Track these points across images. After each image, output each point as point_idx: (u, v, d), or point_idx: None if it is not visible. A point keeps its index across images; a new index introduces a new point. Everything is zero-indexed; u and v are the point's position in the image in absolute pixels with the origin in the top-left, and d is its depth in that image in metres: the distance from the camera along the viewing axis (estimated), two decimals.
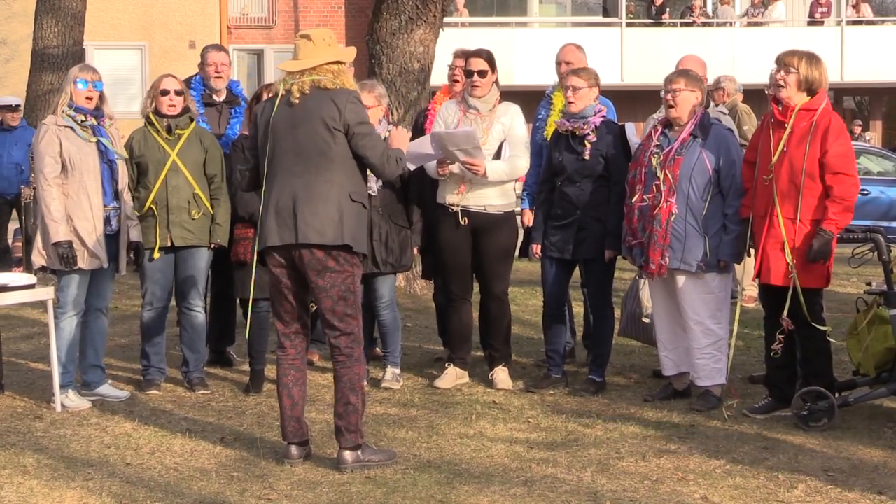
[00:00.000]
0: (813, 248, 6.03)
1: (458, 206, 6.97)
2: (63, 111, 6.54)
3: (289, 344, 5.55)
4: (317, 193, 5.36)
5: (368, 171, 5.64)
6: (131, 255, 6.83)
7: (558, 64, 7.50)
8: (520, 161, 6.99)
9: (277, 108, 5.48)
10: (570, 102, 6.91)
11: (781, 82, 6.15)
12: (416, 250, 7.26)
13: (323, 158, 5.38)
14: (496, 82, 7.08)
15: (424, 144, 6.84)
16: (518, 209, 7.44)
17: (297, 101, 5.42)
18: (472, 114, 7.01)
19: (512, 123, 7.01)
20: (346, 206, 5.39)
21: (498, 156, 6.96)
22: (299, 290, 5.51)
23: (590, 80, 6.94)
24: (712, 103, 7.36)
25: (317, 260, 5.36)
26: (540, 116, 7.60)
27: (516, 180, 7.22)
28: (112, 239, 6.68)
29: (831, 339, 6.25)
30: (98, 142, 6.58)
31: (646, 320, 7.09)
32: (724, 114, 7.70)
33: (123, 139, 6.91)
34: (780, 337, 6.15)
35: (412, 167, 6.88)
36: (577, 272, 7.24)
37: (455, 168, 6.90)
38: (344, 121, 5.38)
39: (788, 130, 6.12)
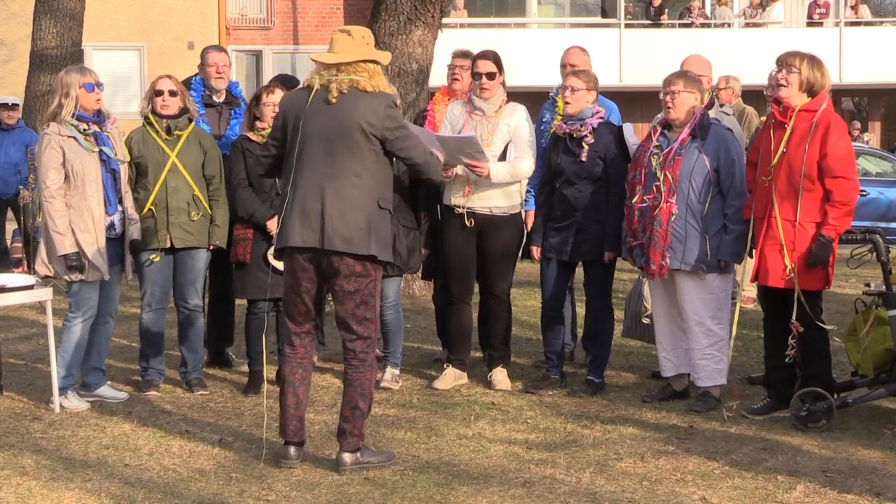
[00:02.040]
0: (812, 252, 6.02)
1: (463, 207, 6.98)
2: (66, 120, 6.48)
3: (299, 342, 5.49)
4: (346, 198, 5.26)
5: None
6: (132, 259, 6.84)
7: (563, 66, 7.49)
8: (524, 162, 6.98)
9: (311, 102, 5.35)
10: (567, 104, 6.91)
11: (783, 82, 6.13)
12: (423, 251, 7.25)
13: (355, 162, 5.29)
14: (503, 83, 7.08)
15: (428, 136, 6.86)
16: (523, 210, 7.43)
17: (334, 101, 5.29)
18: (477, 115, 7.01)
19: (517, 125, 7.00)
20: (374, 213, 5.30)
21: (503, 157, 6.95)
22: (317, 292, 5.44)
23: (588, 82, 6.94)
24: (716, 103, 7.34)
25: (346, 265, 5.28)
26: (544, 119, 7.59)
27: (522, 182, 7.21)
28: (117, 243, 6.67)
29: (836, 339, 6.24)
30: (100, 151, 6.57)
31: (645, 321, 7.09)
32: (727, 114, 7.67)
33: (124, 136, 6.91)
34: (793, 342, 6.13)
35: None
36: (579, 273, 7.24)
37: (459, 170, 6.90)
38: (382, 127, 5.29)
39: (788, 131, 6.12)
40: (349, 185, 5.28)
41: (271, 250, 5.96)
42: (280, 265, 5.65)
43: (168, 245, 6.92)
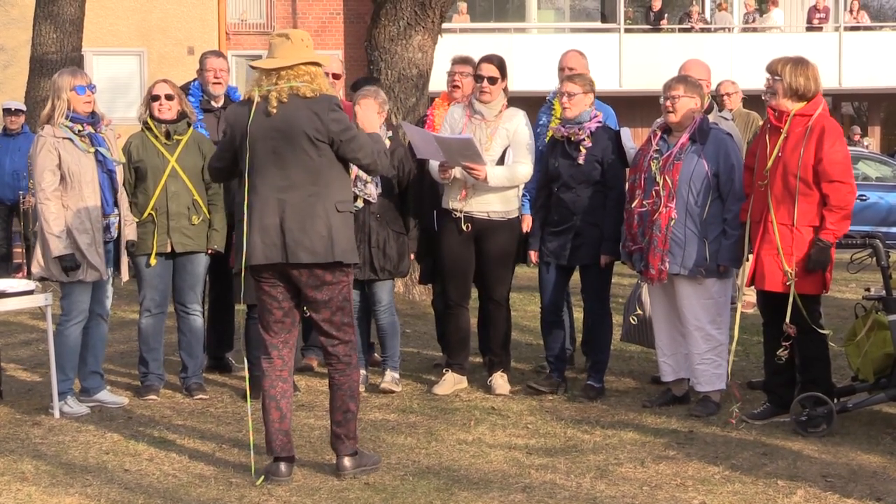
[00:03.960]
0: (811, 257, 6.02)
1: (460, 211, 6.98)
2: (60, 122, 6.51)
3: (276, 354, 5.40)
4: (303, 209, 5.21)
5: (359, 175, 5.47)
6: (131, 262, 6.84)
7: (561, 70, 7.49)
8: (522, 167, 6.98)
9: (254, 117, 5.24)
10: (566, 108, 6.92)
11: (770, 90, 6.18)
12: (411, 256, 7.25)
13: (307, 172, 5.22)
14: (505, 89, 7.08)
15: (426, 136, 6.86)
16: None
17: (274, 111, 5.20)
18: (476, 119, 7.02)
19: (517, 130, 7.00)
20: (334, 219, 5.25)
21: (502, 162, 6.95)
22: (289, 302, 5.38)
23: (585, 85, 6.95)
24: (715, 108, 7.34)
25: (314, 276, 5.26)
26: (541, 122, 7.58)
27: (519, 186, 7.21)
28: (112, 245, 6.68)
29: (832, 344, 6.24)
30: (96, 152, 6.58)
31: (633, 320, 7.08)
32: (725, 119, 7.67)
33: (120, 139, 6.92)
34: (786, 343, 6.13)
35: (419, 156, 6.97)
36: (576, 277, 7.23)
37: (457, 172, 6.90)
38: (328, 132, 5.21)
39: (783, 136, 6.13)
40: (305, 195, 5.22)
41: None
42: None
43: (168, 250, 6.93)
